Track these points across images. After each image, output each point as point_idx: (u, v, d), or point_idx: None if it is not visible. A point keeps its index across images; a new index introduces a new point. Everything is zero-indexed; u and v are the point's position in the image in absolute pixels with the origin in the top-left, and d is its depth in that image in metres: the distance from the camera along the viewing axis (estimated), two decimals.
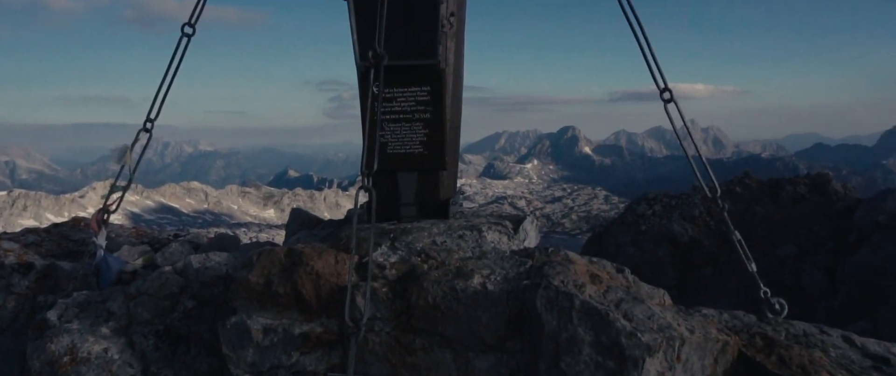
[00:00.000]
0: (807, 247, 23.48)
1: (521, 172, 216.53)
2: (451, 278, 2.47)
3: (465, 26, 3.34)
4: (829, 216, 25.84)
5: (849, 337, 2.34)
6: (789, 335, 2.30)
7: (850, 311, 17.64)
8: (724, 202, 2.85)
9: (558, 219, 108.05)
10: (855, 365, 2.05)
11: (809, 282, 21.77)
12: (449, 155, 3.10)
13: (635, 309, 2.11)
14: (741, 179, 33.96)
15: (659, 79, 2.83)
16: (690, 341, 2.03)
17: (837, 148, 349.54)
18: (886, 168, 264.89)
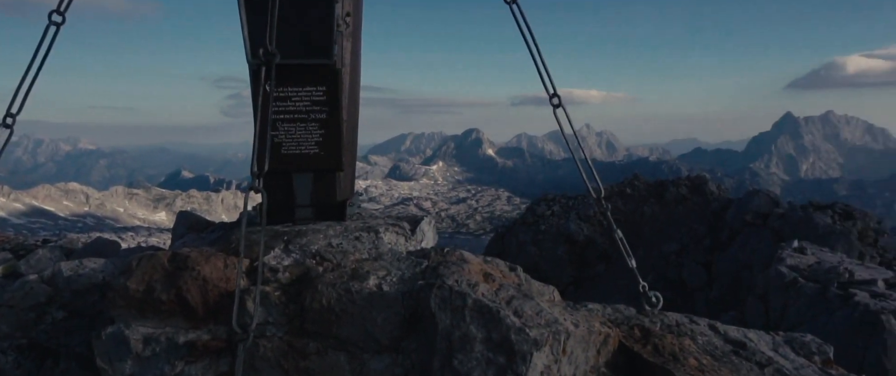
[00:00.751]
0: (688, 244, 25.43)
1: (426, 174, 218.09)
2: (346, 280, 2.44)
3: (361, 26, 3.32)
4: (706, 215, 28.13)
5: (714, 325, 2.56)
6: (664, 325, 2.49)
7: (724, 302, 19.30)
8: (607, 202, 3.02)
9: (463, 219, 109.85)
10: (718, 350, 2.25)
11: (690, 276, 23.58)
12: (346, 156, 3.06)
13: (525, 306, 2.19)
14: (631, 181, 36.18)
15: (548, 84, 2.95)
16: (575, 335, 2.14)
17: (714, 152, 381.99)
18: (754, 171, 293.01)
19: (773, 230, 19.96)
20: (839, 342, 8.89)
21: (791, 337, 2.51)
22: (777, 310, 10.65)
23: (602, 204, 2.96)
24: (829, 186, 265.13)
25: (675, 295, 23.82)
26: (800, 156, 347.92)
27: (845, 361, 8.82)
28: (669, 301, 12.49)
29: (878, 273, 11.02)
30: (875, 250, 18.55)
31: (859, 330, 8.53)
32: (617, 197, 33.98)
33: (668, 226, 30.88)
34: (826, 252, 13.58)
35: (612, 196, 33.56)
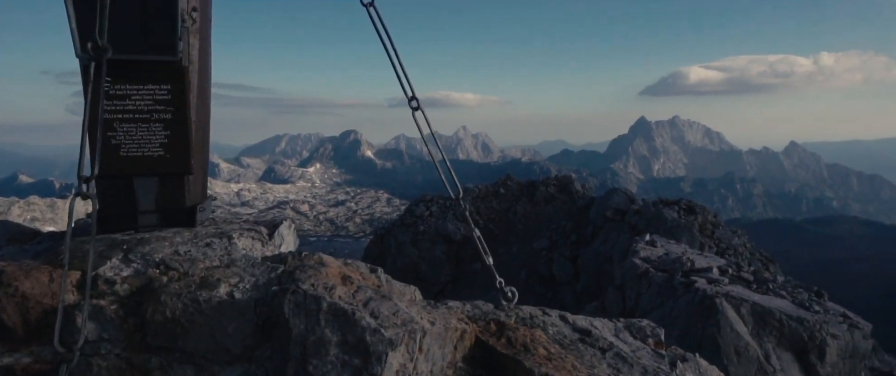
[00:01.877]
0: (556, 240, 26.91)
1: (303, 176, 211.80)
2: (194, 289, 2.29)
3: (211, 24, 3.14)
4: (572, 212, 29.97)
5: (564, 316, 2.73)
6: (518, 318, 2.60)
7: (589, 293, 20.64)
8: (465, 202, 3.10)
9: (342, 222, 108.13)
10: (566, 339, 2.40)
11: (559, 270, 24.95)
12: (196, 158, 2.87)
13: (382, 307, 2.18)
14: (505, 181, 37.60)
15: (407, 87, 2.97)
16: (432, 332, 2.17)
17: (579, 153, 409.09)
18: (614, 170, 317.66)
19: (630, 225, 21.71)
20: (683, 324, 9.86)
21: (630, 323, 2.74)
22: (632, 299, 11.59)
23: (461, 204, 3.03)
24: (677, 184, 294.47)
25: (545, 288, 25.14)
26: (652, 157, 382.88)
27: (687, 340, 9.79)
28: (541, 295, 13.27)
29: (714, 261, 12.38)
30: (712, 241, 20.81)
31: (699, 312, 9.51)
32: (492, 197, 35.23)
33: (539, 224, 32.51)
34: (672, 244, 14.98)
35: (487, 196, 34.76)
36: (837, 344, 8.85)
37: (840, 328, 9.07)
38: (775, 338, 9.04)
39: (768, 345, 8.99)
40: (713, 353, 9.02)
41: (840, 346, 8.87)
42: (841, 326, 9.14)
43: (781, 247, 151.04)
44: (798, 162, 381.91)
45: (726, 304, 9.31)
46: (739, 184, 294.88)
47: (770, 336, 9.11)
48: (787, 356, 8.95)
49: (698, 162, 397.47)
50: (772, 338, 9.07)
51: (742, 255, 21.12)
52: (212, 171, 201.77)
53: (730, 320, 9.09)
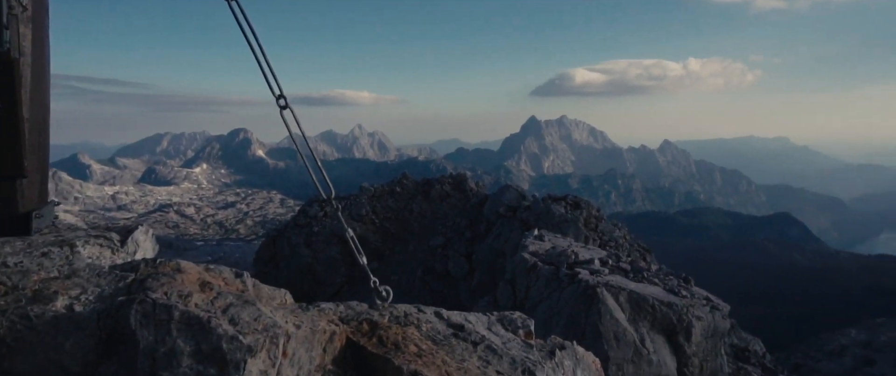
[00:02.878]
0: (452, 237, 27.29)
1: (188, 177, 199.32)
2: (24, 304, 2.03)
3: (48, 12, 2.81)
4: (467, 209, 30.53)
5: (439, 312, 2.73)
6: (392, 317, 2.57)
7: (483, 288, 21.10)
8: (337, 203, 3.02)
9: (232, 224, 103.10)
10: (440, 335, 2.40)
11: (454, 267, 25.31)
12: (31, 160, 2.56)
13: (243, 313, 2.06)
14: (400, 180, 37.56)
15: (274, 85, 2.83)
16: (297, 336, 2.09)
17: (474, 152, 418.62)
18: (507, 168, 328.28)
19: (522, 220, 22.47)
20: (569, 313, 10.33)
21: (503, 316, 2.81)
22: (522, 292, 11.98)
23: (333, 204, 2.95)
24: (566, 181, 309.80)
25: (442, 285, 25.44)
26: (542, 155, 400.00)
27: (573, 329, 10.25)
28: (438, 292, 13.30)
29: (596, 253, 13.08)
30: (596, 234, 22.02)
31: (582, 302, 10.02)
32: (388, 196, 35.09)
33: (435, 222, 32.82)
34: (559, 238, 15.65)
35: (384, 195, 34.60)
36: (701, 325, 9.67)
37: (704, 310, 9.92)
38: (649, 323, 9.71)
39: (643, 329, 9.64)
40: (595, 340, 9.53)
41: (704, 327, 9.70)
42: (704, 309, 10.00)
43: (657, 237, 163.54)
44: (671, 159, 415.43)
45: (606, 293, 9.87)
46: (621, 180, 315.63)
47: (645, 320, 9.77)
48: (660, 338, 9.65)
49: (584, 159, 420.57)
50: (646, 323, 9.73)
51: (622, 246, 22.55)
52: (82, 174, 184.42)
53: (610, 308, 9.64)
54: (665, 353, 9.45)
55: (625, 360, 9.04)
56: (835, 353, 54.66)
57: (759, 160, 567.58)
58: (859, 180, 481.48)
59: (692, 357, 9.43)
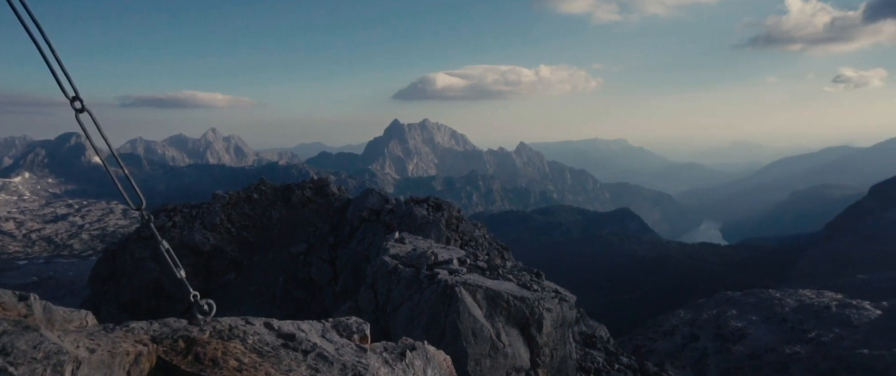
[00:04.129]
0: (314, 243, 26.54)
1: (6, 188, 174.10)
2: None
3: None
4: (329, 214, 29.88)
5: (269, 322, 2.58)
6: (214, 331, 2.37)
7: (348, 294, 20.74)
8: (148, 214, 2.73)
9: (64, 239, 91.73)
10: (268, 346, 2.25)
11: (318, 273, 24.63)
12: None
13: (19, 341, 1.78)
14: (258, 186, 35.79)
15: (68, 87, 2.48)
16: (90, 361, 1.84)
17: (338, 155, 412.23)
18: (372, 171, 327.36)
19: (385, 223, 22.43)
20: (430, 314, 10.43)
21: (338, 322, 2.72)
22: (384, 295, 11.92)
23: (143, 216, 2.66)
24: (429, 183, 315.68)
25: (305, 292, 24.64)
26: (406, 158, 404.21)
27: (433, 328, 10.35)
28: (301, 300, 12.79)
29: (455, 253, 13.38)
30: (457, 234, 22.59)
31: (441, 301, 10.18)
32: (245, 203, 33.29)
33: (296, 228, 31.71)
34: (420, 239, 15.82)
35: (240, 202, 32.80)
36: (551, 317, 10.26)
37: (553, 302, 10.53)
38: (504, 317, 10.11)
39: (499, 324, 10.01)
40: (454, 337, 9.73)
41: (553, 318, 10.30)
42: (553, 301, 10.62)
43: (515, 235, 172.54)
44: (527, 160, 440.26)
45: (464, 292, 10.12)
46: (481, 181, 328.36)
47: (500, 315, 10.16)
48: (514, 331, 10.08)
49: (447, 162, 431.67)
50: (501, 317, 10.12)
51: (482, 246, 23.37)
52: None
53: (467, 305, 9.90)
54: (519, 345, 9.89)
55: (482, 355, 9.31)
56: (668, 333, 61.13)
57: (603, 160, 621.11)
58: (684, 177, 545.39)
59: (543, 347, 9.97)
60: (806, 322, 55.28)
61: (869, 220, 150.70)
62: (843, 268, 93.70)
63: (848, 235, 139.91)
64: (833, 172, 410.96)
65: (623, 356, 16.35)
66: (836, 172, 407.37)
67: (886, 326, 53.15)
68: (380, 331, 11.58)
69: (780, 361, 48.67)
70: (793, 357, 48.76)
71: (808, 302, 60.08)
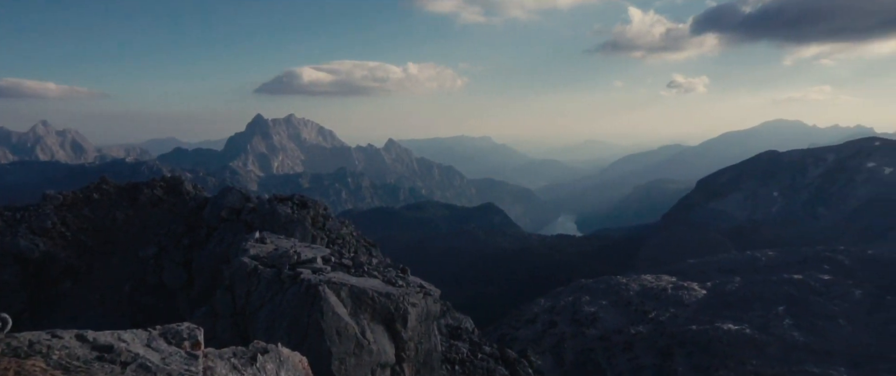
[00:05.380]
0: (167, 245, 24.58)
1: None
2: None
3: None
4: (184, 214, 27.81)
5: (83, 334, 2.30)
6: (10, 348, 2.06)
7: (205, 298, 19.46)
8: None
9: None
10: (78, 361, 2.00)
11: (170, 278, 22.86)
12: None
13: None
14: (98, 185, 32.49)
15: None
16: None
17: (195, 152, 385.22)
18: (233, 169, 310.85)
19: (246, 223, 21.34)
20: (292, 314, 10.07)
21: (167, 329, 2.50)
22: (242, 297, 11.32)
23: None
24: (296, 180, 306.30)
25: (156, 299, 22.74)
26: (271, 154, 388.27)
27: (296, 329, 10.01)
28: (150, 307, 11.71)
29: (319, 252, 13.06)
30: (324, 232, 22.13)
31: (304, 301, 9.88)
32: (83, 204, 29.98)
33: (145, 230, 29.16)
34: (282, 239, 15.25)
35: (78, 203, 29.45)
36: (416, 311, 10.36)
37: (418, 297, 10.65)
38: (369, 314, 10.04)
39: (364, 321, 9.93)
40: (318, 337, 9.48)
41: (418, 312, 10.41)
42: (418, 295, 10.74)
43: (385, 232, 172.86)
44: (396, 157, 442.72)
45: (328, 290, 9.90)
46: (350, 178, 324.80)
47: (365, 313, 10.07)
48: (379, 328, 10.05)
49: (315, 158, 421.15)
50: (367, 315, 10.04)
51: (350, 243, 23.10)
52: None
53: (331, 304, 9.70)
54: (384, 341, 9.88)
55: (347, 354, 9.18)
56: (530, 320, 64.73)
57: (469, 157, 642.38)
58: (543, 173, 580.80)
59: (408, 341, 10.04)
60: (647, 303, 61.39)
61: (697, 211, 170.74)
62: (677, 254, 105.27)
63: (680, 224, 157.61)
64: (667, 168, 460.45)
65: (486, 345, 16.99)
66: (670, 168, 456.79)
67: (710, 304, 60.63)
68: (239, 336, 11.01)
69: (625, 341, 53.58)
70: (636, 336, 53.92)
71: (649, 285, 66.75)
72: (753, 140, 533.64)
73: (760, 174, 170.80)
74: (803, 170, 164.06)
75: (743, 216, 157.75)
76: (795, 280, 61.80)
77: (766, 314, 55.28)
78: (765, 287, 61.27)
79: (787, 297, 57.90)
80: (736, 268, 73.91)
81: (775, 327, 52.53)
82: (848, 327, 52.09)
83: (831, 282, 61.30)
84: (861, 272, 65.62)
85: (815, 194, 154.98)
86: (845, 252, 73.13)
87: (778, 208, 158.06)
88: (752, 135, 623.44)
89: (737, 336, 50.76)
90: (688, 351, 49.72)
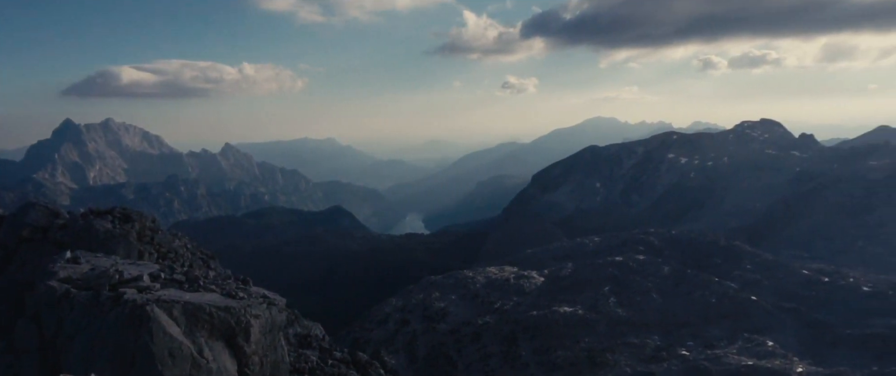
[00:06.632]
0: None
1: None
2: None
3: None
4: None
5: None
6: None
7: (3, 332, 16.78)
8: None
9: None
10: None
11: None
12: None
13: None
14: None
15: None
16: None
17: None
18: (38, 181, 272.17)
19: (56, 242, 18.77)
20: (115, 340, 9.07)
21: None
22: (52, 327, 9.99)
23: None
24: (119, 192, 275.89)
25: None
26: (86, 164, 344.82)
27: (120, 356, 9.03)
28: None
29: (147, 268, 11.92)
30: (153, 247, 20.20)
31: (130, 324, 8.94)
32: None
33: None
34: (101, 257, 13.71)
35: None
36: (260, 323, 9.89)
37: (261, 308, 10.17)
38: (207, 331, 9.39)
39: (201, 339, 9.26)
40: (148, 362, 8.67)
41: (262, 324, 9.95)
42: (262, 307, 10.26)
43: (226, 241, 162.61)
44: (234, 162, 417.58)
45: (158, 310, 9.08)
46: (183, 187, 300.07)
47: (202, 330, 9.40)
48: (219, 344, 9.44)
49: (140, 166, 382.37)
50: (204, 332, 9.38)
51: (184, 257, 21.35)
52: None
53: (162, 324, 8.91)
54: (225, 358, 9.32)
55: None
56: (382, 321, 64.93)
57: (314, 160, 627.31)
58: (389, 173, 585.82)
59: (252, 355, 9.56)
60: (492, 294, 64.71)
61: (533, 203, 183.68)
62: (517, 245, 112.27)
63: (519, 217, 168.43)
64: (505, 164, 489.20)
65: (337, 351, 16.73)
66: (508, 164, 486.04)
67: (548, 290, 65.60)
68: (48, 371, 9.71)
69: (474, 332, 56.01)
70: (484, 326, 56.60)
71: (493, 277, 70.39)
72: (578, 136, 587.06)
73: (585, 167, 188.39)
74: (619, 163, 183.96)
75: (572, 206, 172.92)
76: (617, 262, 69.06)
77: (594, 294, 61.13)
78: (593, 270, 67.70)
79: (611, 278, 64.56)
80: (568, 255, 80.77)
81: (603, 306, 58.32)
82: (659, 300, 59.43)
83: (645, 261, 69.45)
84: (668, 250, 75.25)
85: (629, 184, 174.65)
86: (655, 234, 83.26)
87: (601, 198, 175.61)
88: (577, 132, 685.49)
89: (571, 317, 55.51)
90: (530, 335, 53.33)
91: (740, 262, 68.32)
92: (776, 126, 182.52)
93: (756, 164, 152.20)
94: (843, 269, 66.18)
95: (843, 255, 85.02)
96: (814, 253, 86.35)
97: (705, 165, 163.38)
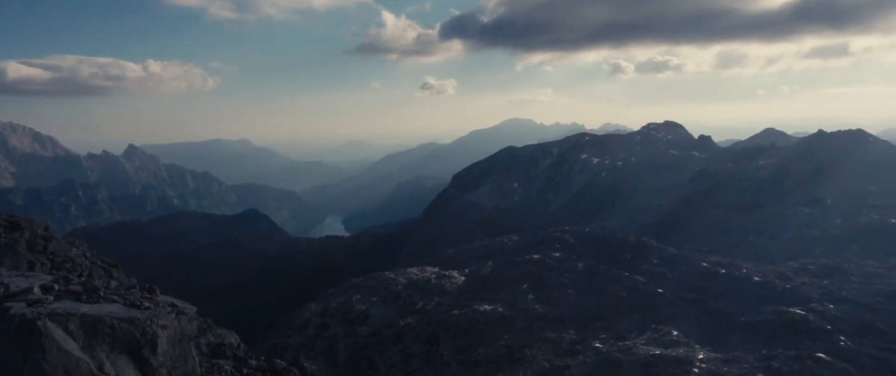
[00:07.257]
0: None
1: None
2: None
3: None
4: None
5: None
6: None
7: None
8: None
9: None
10: None
11: None
12: None
13: None
14: None
15: None
16: None
17: None
18: None
19: None
20: (2, 358, 8.30)
21: None
22: None
23: None
24: (5, 197, 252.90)
25: None
26: None
27: (8, 375, 8.29)
28: None
29: (37, 280, 11.02)
30: (45, 256, 18.70)
31: (18, 341, 8.23)
32: None
33: None
34: None
35: None
36: (167, 334, 9.37)
37: (169, 318, 9.64)
38: (108, 345, 8.80)
39: (102, 354, 8.67)
40: None
41: (170, 335, 9.43)
42: (170, 316, 9.72)
43: (133, 249, 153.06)
44: (139, 164, 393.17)
45: (51, 324, 8.41)
46: (81, 191, 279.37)
47: (103, 344, 8.80)
48: (122, 359, 8.87)
49: (30, 170, 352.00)
50: (105, 346, 8.79)
51: (82, 266, 19.92)
52: None
53: (56, 340, 8.26)
54: (129, 372, 8.76)
55: None
56: (301, 326, 63.33)
57: (227, 161, 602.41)
58: (307, 175, 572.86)
59: (159, 368, 9.05)
60: (414, 295, 64.76)
61: (453, 204, 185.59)
62: (438, 245, 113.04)
63: (440, 217, 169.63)
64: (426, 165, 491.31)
65: (252, 359, 16.14)
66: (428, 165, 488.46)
67: (469, 289, 66.47)
68: None
69: (396, 333, 55.81)
70: (406, 327, 56.52)
71: (414, 278, 70.46)
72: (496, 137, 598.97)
73: (503, 168, 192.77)
74: (536, 163, 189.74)
75: (491, 205, 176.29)
76: (535, 259, 71.06)
77: (513, 292, 62.59)
78: (512, 268, 69.29)
79: (529, 275, 66.35)
80: (488, 254, 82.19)
81: (521, 303, 59.81)
82: (575, 295, 61.73)
83: (561, 258, 71.91)
84: (582, 247, 78.26)
85: (545, 183, 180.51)
86: (570, 231, 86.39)
87: (519, 197, 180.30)
88: (495, 133, 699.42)
89: (491, 315, 56.55)
90: (452, 334, 53.81)
91: (648, 257, 72.21)
92: (678, 128, 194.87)
93: (661, 164, 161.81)
94: (737, 261, 71.48)
95: (737, 249, 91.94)
96: (712, 246, 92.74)
97: (615, 165, 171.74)
